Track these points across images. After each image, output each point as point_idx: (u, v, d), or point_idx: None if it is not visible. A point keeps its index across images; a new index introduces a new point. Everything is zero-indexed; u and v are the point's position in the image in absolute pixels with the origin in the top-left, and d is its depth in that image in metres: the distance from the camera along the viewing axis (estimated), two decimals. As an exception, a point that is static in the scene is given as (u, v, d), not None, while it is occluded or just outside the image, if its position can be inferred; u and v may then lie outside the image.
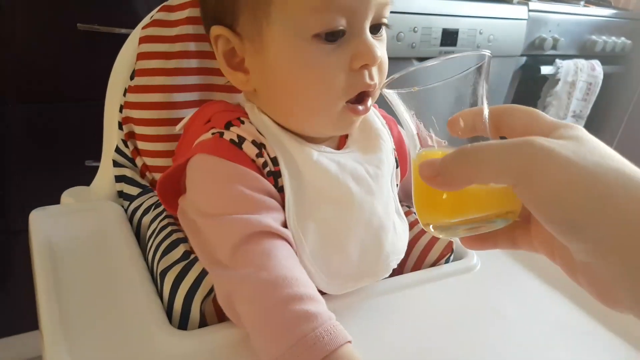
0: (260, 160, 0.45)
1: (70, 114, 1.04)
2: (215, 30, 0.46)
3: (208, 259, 0.43)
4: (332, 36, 0.43)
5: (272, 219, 0.43)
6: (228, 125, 0.46)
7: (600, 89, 1.80)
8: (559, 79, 1.70)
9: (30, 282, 0.48)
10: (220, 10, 0.46)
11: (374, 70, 0.45)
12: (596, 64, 1.79)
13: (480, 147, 0.29)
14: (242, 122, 0.47)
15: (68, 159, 1.05)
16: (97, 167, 0.65)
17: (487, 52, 0.32)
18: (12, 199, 1.05)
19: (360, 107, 0.46)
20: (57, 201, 0.63)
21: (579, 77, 1.74)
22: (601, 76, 1.79)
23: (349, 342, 0.38)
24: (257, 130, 0.47)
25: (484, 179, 0.29)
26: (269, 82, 0.46)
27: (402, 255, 0.52)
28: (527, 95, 1.74)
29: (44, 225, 0.54)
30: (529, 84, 1.71)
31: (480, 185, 0.30)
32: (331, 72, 0.44)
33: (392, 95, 0.34)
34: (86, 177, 0.70)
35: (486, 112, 0.33)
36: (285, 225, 0.45)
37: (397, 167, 0.54)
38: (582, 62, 1.75)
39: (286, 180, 0.45)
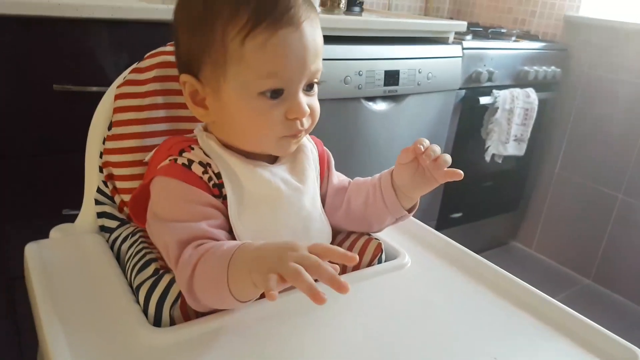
0: (206, 176, 0.59)
1: (45, 166, 1.11)
2: (183, 77, 0.61)
3: (170, 259, 0.56)
4: (275, 94, 0.57)
5: (207, 225, 0.56)
6: (181, 152, 0.60)
7: (537, 114, 1.97)
8: (497, 107, 1.86)
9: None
10: (188, 61, 0.60)
11: (305, 119, 0.60)
12: (530, 91, 1.96)
13: None
14: (192, 149, 0.61)
15: (47, 209, 1.13)
16: (73, 215, 0.75)
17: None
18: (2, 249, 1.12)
19: (294, 140, 0.61)
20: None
21: (515, 104, 1.91)
22: (536, 102, 1.96)
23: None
24: (204, 153, 0.61)
25: None
26: (225, 118, 0.60)
27: (329, 241, 0.66)
28: (470, 124, 1.89)
29: (39, 255, 0.64)
30: (470, 114, 1.86)
31: None
32: (272, 121, 0.58)
33: None
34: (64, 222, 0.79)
35: None
36: (229, 224, 0.59)
37: (318, 172, 0.69)
38: (517, 91, 1.92)
39: (228, 189, 0.59)
